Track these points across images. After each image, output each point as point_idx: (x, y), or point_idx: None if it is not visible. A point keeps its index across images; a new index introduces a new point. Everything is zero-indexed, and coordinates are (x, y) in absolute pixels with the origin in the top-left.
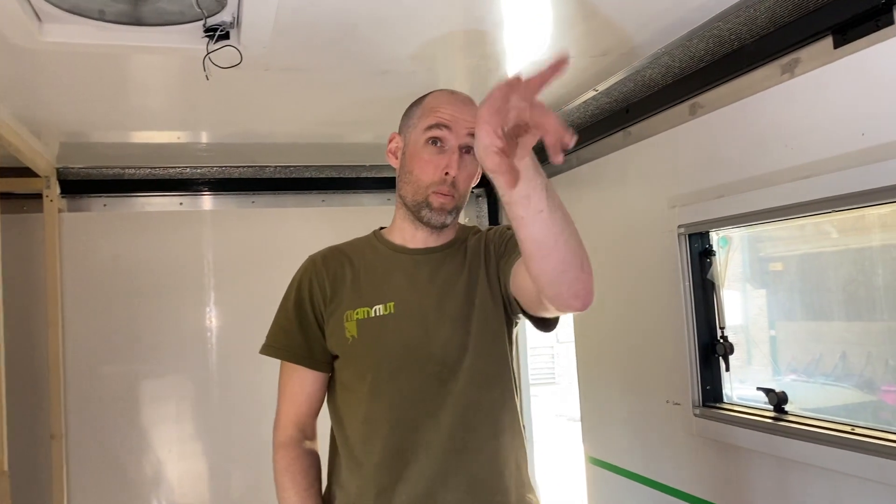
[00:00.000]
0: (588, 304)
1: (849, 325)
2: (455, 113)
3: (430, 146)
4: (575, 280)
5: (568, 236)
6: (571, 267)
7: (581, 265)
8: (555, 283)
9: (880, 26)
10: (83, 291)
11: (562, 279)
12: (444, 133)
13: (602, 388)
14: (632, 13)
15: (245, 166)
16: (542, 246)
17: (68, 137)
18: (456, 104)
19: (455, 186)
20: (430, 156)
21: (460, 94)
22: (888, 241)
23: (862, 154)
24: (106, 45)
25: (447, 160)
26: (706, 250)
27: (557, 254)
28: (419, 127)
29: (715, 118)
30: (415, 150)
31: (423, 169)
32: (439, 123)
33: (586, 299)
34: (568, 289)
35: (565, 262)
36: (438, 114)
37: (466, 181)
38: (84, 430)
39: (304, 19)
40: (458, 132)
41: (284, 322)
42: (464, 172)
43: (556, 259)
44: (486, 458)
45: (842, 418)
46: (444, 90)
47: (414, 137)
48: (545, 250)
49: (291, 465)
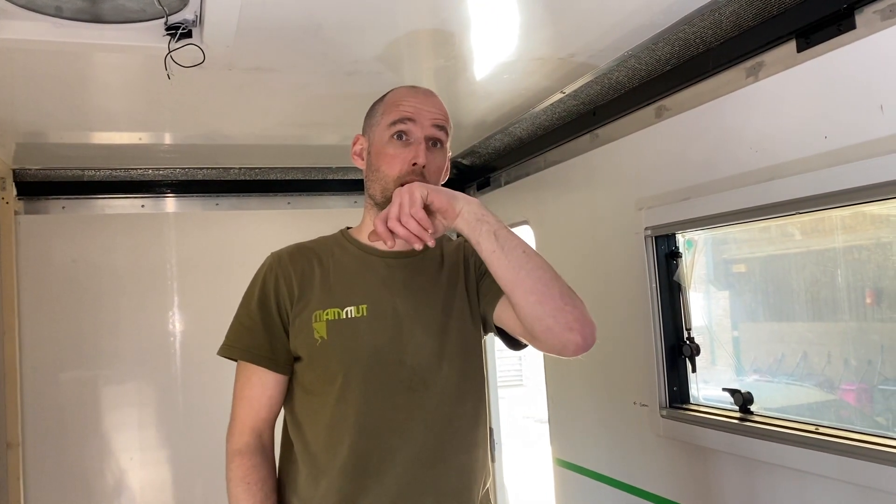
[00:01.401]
0: (588, 338)
1: (810, 326)
2: (418, 105)
3: (396, 141)
4: (559, 311)
5: (529, 270)
6: (547, 297)
7: (561, 297)
8: (537, 316)
9: (842, 30)
10: (41, 296)
11: (542, 312)
12: (408, 126)
13: (569, 390)
14: (599, 16)
15: (209, 168)
16: (505, 280)
17: (25, 138)
18: (418, 96)
19: (424, 176)
20: (395, 150)
21: (421, 88)
22: (849, 242)
23: (825, 157)
24: (63, 43)
25: (414, 151)
26: (672, 252)
27: (522, 285)
28: (383, 124)
29: (681, 121)
30: (380, 147)
31: (391, 163)
32: (403, 117)
33: (584, 332)
34: (555, 321)
35: (535, 292)
36: (401, 108)
37: (436, 173)
38: (42, 438)
39: (268, 18)
40: (423, 123)
41: (247, 321)
42: (433, 163)
43: (524, 290)
44: (455, 472)
45: (805, 417)
46: (405, 86)
47: (378, 135)
48: (510, 284)
49: (248, 474)
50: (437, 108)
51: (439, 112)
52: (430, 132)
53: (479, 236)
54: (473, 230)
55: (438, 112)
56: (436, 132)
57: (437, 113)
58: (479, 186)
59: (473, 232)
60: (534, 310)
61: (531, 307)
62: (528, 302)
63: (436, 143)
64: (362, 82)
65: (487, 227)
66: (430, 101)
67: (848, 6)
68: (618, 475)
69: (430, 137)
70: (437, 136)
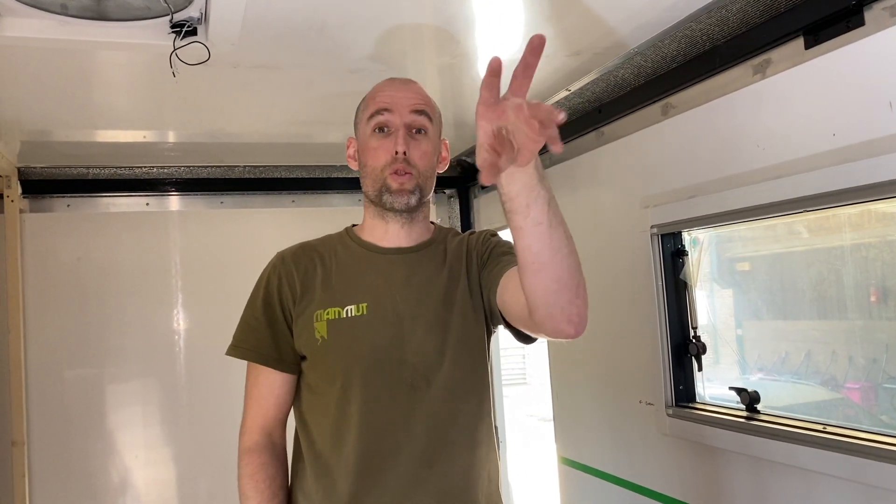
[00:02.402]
0: (581, 331)
1: (814, 324)
2: (394, 93)
3: (377, 134)
4: (569, 303)
5: (566, 255)
6: (566, 287)
7: (577, 289)
8: (548, 303)
9: (851, 27)
10: (46, 294)
11: (555, 300)
12: (385, 117)
13: (575, 388)
14: (604, 13)
15: (213, 166)
16: (538, 259)
17: (30, 136)
18: (394, 85)
19: (410, 163)
20: (377, 142)
21: (399, 78)
22: (856, 240)
23: (833, 154)
24: (68, 41)
25: (394, 140)
26: (679, 250)
27: (552, 270)
28: (364, 119)
29: (687, 118)
30: (364, 143)
31: (375, 156)
32: (380, 108)
33: (580, 326)
34: (561, 312)
35: (560, 280)
36: (377, 99)
37: (423, 158)
38: (47, 436)
39: (273, 16)
40: (401, 112)
41: (252, 321)
42: (417, 150)
43: (550, 275)
44: (458, 471)
45: (811, 416)
46: (384, 80)
47: (362, 131)
48: (539, 264)
49: (257, 472)
50: (414, 94)
51: (417, 97)
52: (409, 119)
53: (533, 200)
54: (532, 190)
55: (416, 97)
56: (415, 118)
57: (415, 98)
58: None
59: (531, 192)
60: (549, 297)
61: (549, 294)
62: (549, 288)
63: (419, 131)
64: (367, 80)
65: (545, 194)
66: (407, 88)
67: (857, 3)
68: (623, 474)
69: (411, 125)
70: (418, 121)
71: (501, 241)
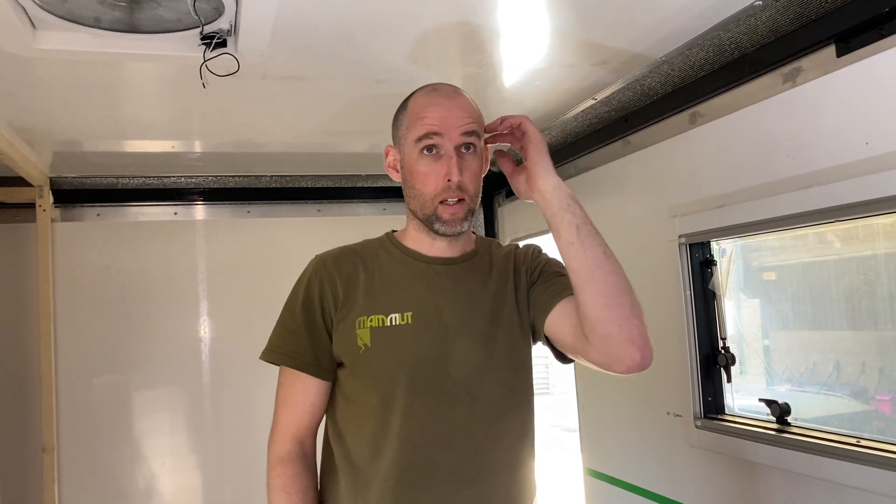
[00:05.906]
0: (647, 356)
1: (843, 335)
2: (444, 115)
3: (426, 156)
4: (625, 321)
5: (606, 272)
6: (616, 304)
7: (630, 308)
8: (602, 319)
9: (884, 35)
10: (76, 302)
11: (608, 316)
12: (435, 140)
13: (601, 399)
14: (631, 22)
15: (240, 176)
16: (578, 275)
17: (62, 146)
18: (441, 104)
19: (462, 189)
20: (427, 167)
21: (442, 90)
22: (891, 249)
23: (866, 163)
24: (101, 53)
25: (446, 167)
26: (707, 260)
27: (596, 284)
28: (409, 139)
29: (715, 127)
30: (411, 163)
31: (424, 182)
32: (429, 132)
33: (644, 349)
34: (619, 329)
35: (607, 295)
36: (426, 121)
37: (473, 180)
38: (76, 442)
39: (301, 27)
40: (451, 134)
41: (291, 325)
42: (468, 173)
43: (595, 289)
44: (502, 490)
45: (841, 429)
46: (425, 89)
47: (408, 150)
48: (581, 280)
49: (289, 483)
50: (463, 112)
51: (467, 116)
52: (460, 140)
53: (559, 224)
54: (555, 216)
55: (466, 116)
56: (466, 139)
57: (465, 118)
58: (508, 193)
59: (554, 218)
60: (601, 313)
61: (599, 310)
62: (597, 304)
63: (468, 148)
64: (392, 90)
65: (571, 218)
66: (455, 105)
67: (890, 10)
68: (651, 486)
69: (461, 145)
70: (469, 141)
71: (551, 259)
